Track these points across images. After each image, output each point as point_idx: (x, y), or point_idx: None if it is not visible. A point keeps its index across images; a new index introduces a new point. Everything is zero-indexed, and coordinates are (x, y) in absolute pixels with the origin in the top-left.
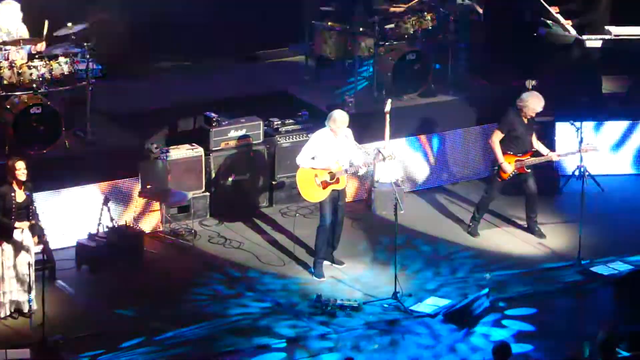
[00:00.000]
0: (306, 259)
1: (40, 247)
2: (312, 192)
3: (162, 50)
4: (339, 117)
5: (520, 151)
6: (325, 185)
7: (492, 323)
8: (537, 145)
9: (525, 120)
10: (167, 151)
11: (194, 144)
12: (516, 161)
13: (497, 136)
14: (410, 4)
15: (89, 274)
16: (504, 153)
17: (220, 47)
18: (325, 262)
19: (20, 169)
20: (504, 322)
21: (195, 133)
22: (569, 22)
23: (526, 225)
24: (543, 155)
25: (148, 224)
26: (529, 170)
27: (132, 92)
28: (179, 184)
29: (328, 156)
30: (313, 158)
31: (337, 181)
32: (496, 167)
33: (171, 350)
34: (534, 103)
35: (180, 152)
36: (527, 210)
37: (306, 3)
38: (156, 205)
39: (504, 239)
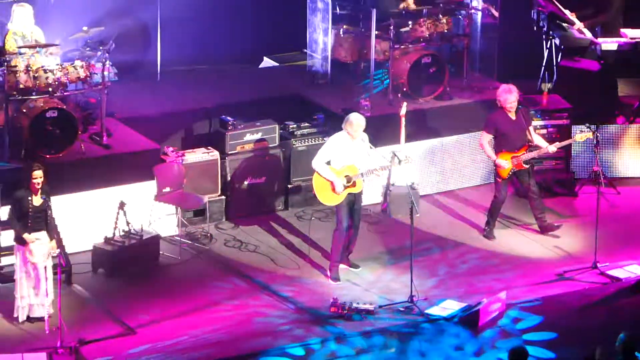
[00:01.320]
0: (322, 262)
1: (57, 251)
2: (329, 195)
3: (177, 54)
4: (356, 121)
5: (513, 148)
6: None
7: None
8: (535, 138)
9: (513, 116)
10: (183, 155)
11: (209, 147)
12: (512, 158)
13: (484, 137)
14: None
15: (105, 278)
16: (498, 152)
17: (235, 50)
18: (341, 266)
19: (37, 178)
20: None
21: (211, 136)
22: (584, 25)
23: (538, 227)
24: (540, 148)
25: (164, 228)
26: (527, 167)
27: (148, 95)
28: (195, 187)
29: (345, 160)
30: (328, 162)
31: (354, 185)
32: (495, 168)
33: (187, 354)
34: (504, 96)
35: (196, 156)
36: (534, 210)
37: (322, 6)
38: (172, 208)
39: (520, 242)
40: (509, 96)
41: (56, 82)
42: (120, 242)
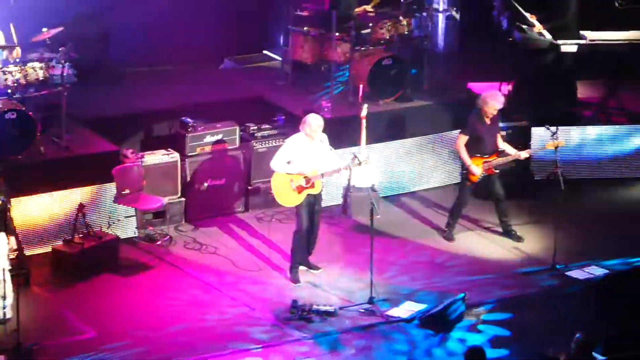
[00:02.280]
0: (282, 264)
1: (15, 253)
2: (288, 196)
3: (137, 55)
4: (314, 122)
5: (486, 152)
6: (300, 189)
7: (467, 328)
8: (504, 145)
9: (488, 121)
10: (143, 156)
11: (169, 149)
12: (484, 163)
13: (462, 140)
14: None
15: (64, 280)
16: (471, 156)
17: (195, 52)
18: (301, 267)
19: None
20: (480, 327)
21: (171, 138)
22: (543, 27)
23: (502, 230)
24: (510, 155)
25: (123, 230)
26: (497, 171)
27: (107, 97)
28: (155, 189)
29: (304, 161)
30: (288, 162)
31: (313, 185)
32: (464, 171)
33: (146, 355)
34: (492, 101)
35: (155, 158)
36: (499, 215)
37: (282, 7)
38: (131, 210)
39: (480, 243)
40: (496, 103)
41: (15, 84)
42: (79, 244)
